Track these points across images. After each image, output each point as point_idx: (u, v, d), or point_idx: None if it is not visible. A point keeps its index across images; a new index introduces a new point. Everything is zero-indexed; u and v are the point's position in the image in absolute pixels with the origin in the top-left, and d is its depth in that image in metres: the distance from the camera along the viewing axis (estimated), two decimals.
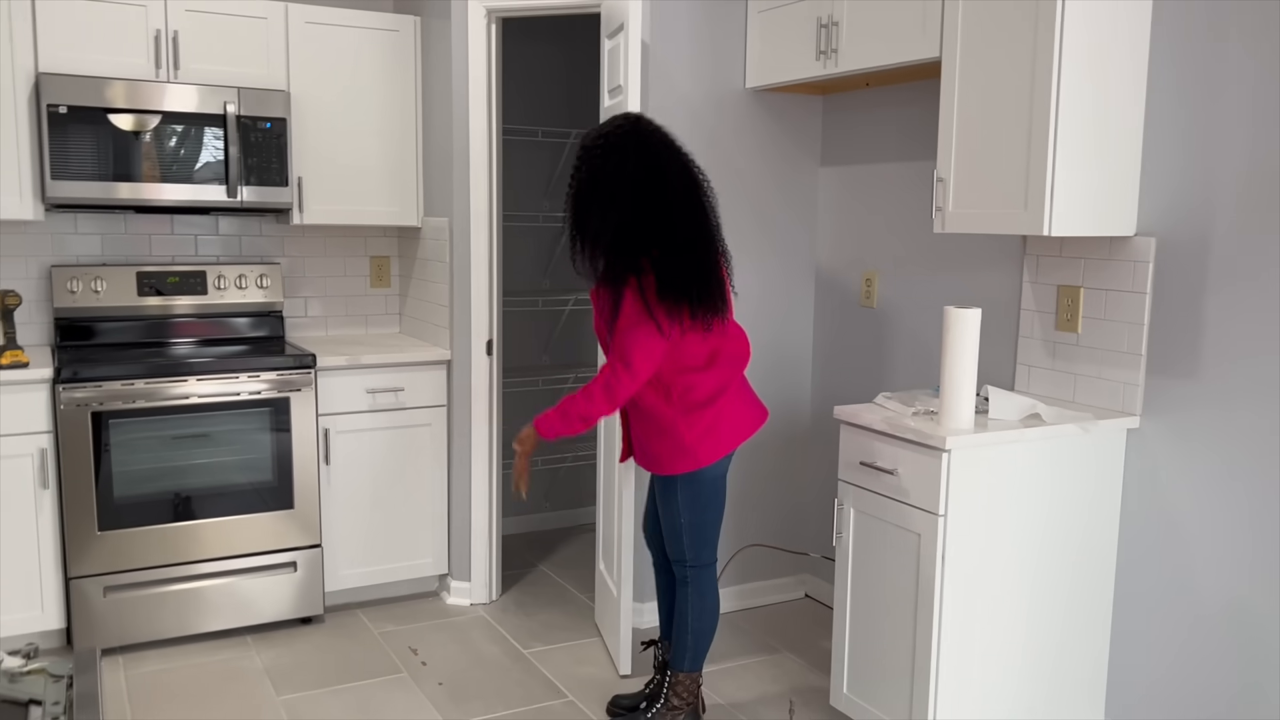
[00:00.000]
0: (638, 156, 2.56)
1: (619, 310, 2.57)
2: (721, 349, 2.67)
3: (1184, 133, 2.54)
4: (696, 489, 2.74)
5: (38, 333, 3.71)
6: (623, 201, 2.54)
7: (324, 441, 3.62)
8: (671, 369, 2.63)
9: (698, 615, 2.83)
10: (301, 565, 3.59)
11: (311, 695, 3.13)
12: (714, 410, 2.68)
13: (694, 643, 2.84)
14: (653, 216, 2.54)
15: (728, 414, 2.70)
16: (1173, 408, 2.60)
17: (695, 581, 2.82)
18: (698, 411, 2.66)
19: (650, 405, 2.68)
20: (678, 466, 2.70)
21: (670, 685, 2.86)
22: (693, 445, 2.66)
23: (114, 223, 3.80)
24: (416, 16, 3.88)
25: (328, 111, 3.77)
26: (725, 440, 2.69)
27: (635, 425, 2.78)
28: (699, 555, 2.80)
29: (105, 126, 3.37)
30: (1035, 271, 2.94)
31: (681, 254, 2.55)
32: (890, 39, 2.97)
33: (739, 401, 2.73)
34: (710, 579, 2.84)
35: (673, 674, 2.86)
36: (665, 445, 2.69)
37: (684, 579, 2.83)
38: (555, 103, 4.64)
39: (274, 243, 4.07)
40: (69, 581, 3.29)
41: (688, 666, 2.85)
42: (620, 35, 3.16)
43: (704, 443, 2.67)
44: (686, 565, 2.82)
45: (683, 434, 2.66)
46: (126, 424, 3.31)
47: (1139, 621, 2.71)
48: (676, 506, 2.77)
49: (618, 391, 2.58)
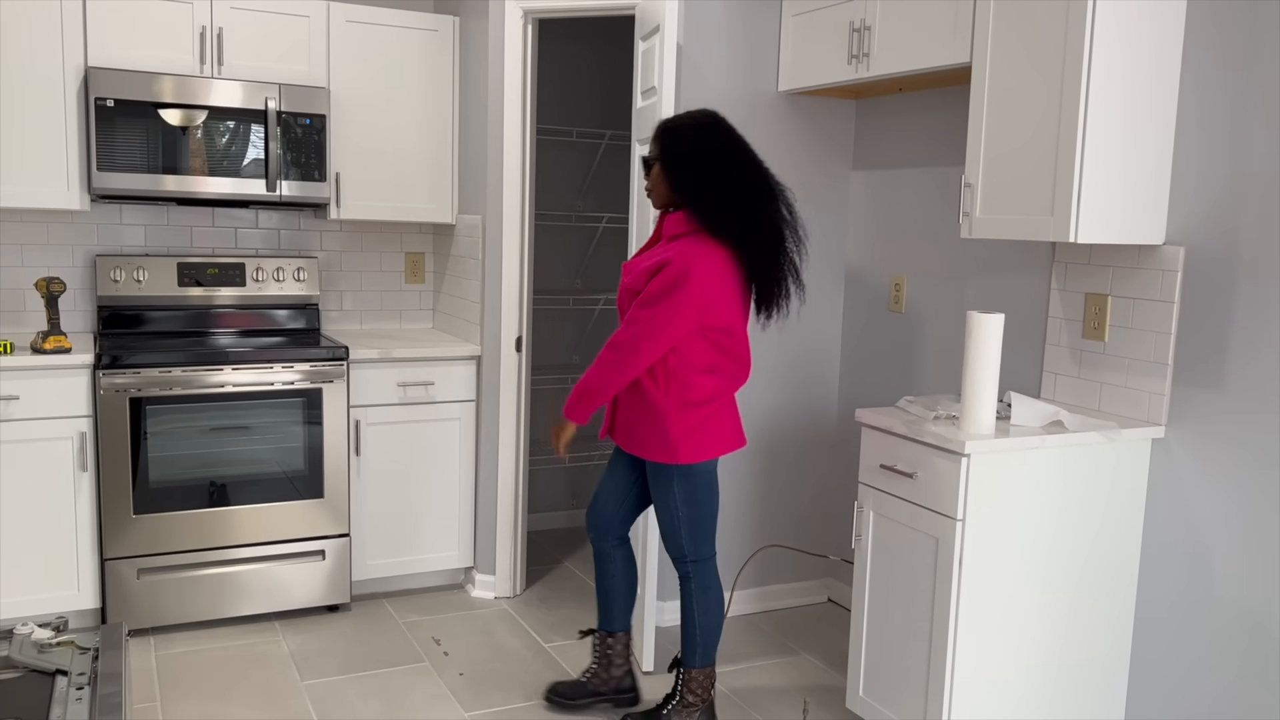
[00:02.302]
0: (728, 137, 2.68)
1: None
2: (724, 362, 2.70)
3: (1215, 142, 2.52)
4: (693, 483, 2.75)
5: (81, 320, 3.81)
6: (719, 172, 2.64)
7: (355, 433, 3.68)
8: (678, 362, 2.67)
9: (704, 610, 2.84)
10: (330, 554, 3.66)
11: (335, 681, 3.19)
12: (704, 414, 2.70)
13: (703, 638, 2.85)
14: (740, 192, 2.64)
15: (714, 422, 2.72)
16: (1198, 418, 2.58)
17: (698, 576, 2.83)
18: (690, 410, 2.69)
19: (647, 389, 2.71)
20: (660, 455, 2.72)
21: (684, 682, 2.88)
22: (677, 441, 2.69)
23: (157, 214, 3.89)
24: (455, 16, 3.94)
25: (366, 109, 3.83)
26: (709, 445, 2.72)
27: (625, 405, 2.79)
28: (698, 549, 2.82)
29: (150, 120, 3.46)
30: (1063, 279, 2.93)
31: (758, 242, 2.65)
32: (921, 44, 2.98)
33: (727, 415, 2.76)
34: (712, 572, 2.85)
35: (686, 671, 2.88)
36: (653, 433, 2.72)
37: (686, 575, 2.85)
38: (589, 104, 4.68)
39: (312, 237, 4.15)
40: (104, 563, 3.38)
41: (699, 662, 2.87)
42: (655, 37, 3.19)
43: (687, 441, 2.69)
44: (687, 561, 2.83)
45: (670, 427, 2.68)
46: (164, 410, 3.39)
47: (1160, 632, 2.69)
48: (673, 501, 2.78)
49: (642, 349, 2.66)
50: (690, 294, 2.58)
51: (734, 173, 2.64)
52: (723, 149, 2.65)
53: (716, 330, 2.65)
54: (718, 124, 2.69)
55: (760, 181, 2.67)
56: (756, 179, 2.66)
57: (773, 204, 2.67)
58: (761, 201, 2.65)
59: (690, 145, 2.65)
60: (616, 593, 3.01)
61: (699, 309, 2.60)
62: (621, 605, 3.03)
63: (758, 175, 2.67)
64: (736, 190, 2.62)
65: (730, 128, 2.70)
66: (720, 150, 2.64)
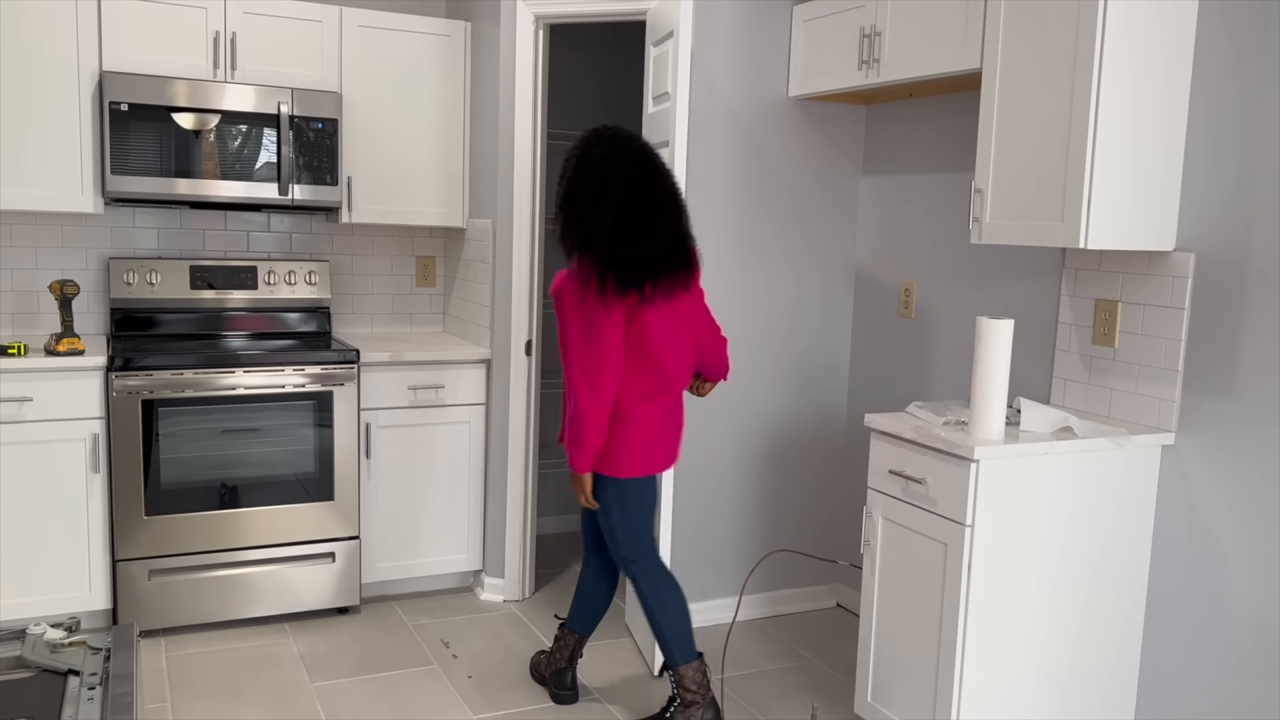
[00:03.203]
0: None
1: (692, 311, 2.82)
2: (642, 377, 2.75)
3: (1225, 148, 2.52)
4: (620, 488, 2.80)
5: (94, 322, 3.84)
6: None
7: (365, 435, 3.70)
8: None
9: (660, 606, 2.85)
10: (340, 556, 3.67)
11: (344, 683, 3.20)
12: (623, 429, 2.76)
13: (671, 633, 2.85)
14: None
15: (636, 437, 2.77)
16: (1209, 424, 2.58)
17: (643, 575, 2.86)
18: (613, 424, 2.76)
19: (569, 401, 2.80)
20: (573, 465, 2.78)
21: (677, 681, 2.88)
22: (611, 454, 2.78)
23: (170, 217, 3.92)
24: (467, 22, 3.96)
25: (378, 113, 3.85)
26: (627, 462, 2.77)
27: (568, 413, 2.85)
28: (635, 549, 2.85)
29: (164, 124, 3.48)
30: (1073, 285, 2.93)
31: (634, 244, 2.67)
32: (932, 50, 2.98)
33: (649, 431, 2.78)
34: (654, 568, 2.87)
35: (675, 671, 2.89)
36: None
37: (634, 577, 2.87)
38: (599, 109, 4.69)
39: (323, 240, 4.17)
40: (116, 564, 3.39)
41: (680, 659, 2.87)
42: (668, 42, 3.20)
43: (606, 455, 2.77)
44: (628, 563, 2.85)
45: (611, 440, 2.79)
46: (175, 412, 3.41)
47: (1170, 640, 2.68)
48: (606, 504, 2.84)
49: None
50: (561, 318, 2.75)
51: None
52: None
53: (634, 346, 2.72)
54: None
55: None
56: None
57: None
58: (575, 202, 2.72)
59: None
60: (580, 597, 3.08)
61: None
62: (582, 610, 3.08)
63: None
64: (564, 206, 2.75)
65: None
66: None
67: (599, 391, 2.68)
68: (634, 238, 2.63)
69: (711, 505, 3.72)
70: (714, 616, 3.77)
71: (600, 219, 2.64)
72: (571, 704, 3.11)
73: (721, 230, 3.60)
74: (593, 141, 2.71)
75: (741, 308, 3.67)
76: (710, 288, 3.60)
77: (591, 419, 2.70)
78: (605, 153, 2.67)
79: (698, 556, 3.72)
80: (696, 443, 3.66)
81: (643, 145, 2.72)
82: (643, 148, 2.71)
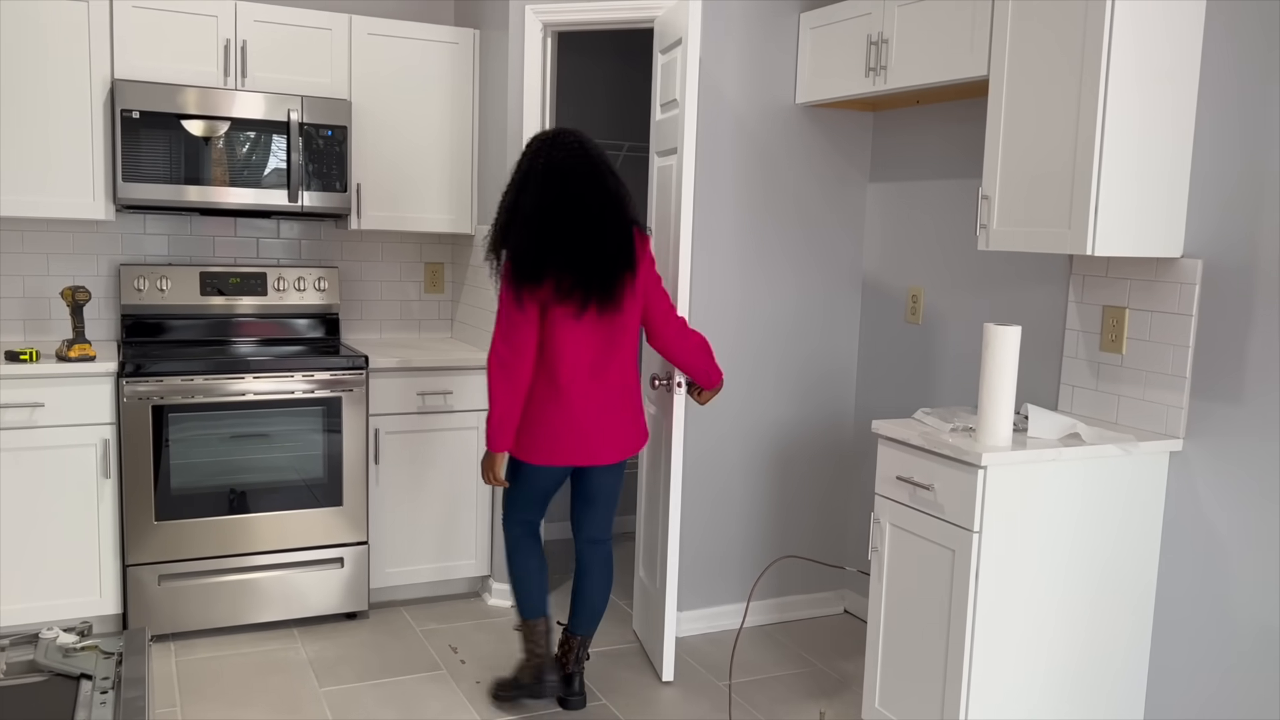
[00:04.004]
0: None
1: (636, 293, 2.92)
2: (542, 373, 2.89)
3: (1233, 155, 2.52)
4: (516, 461, 3.01)
5: (105, 328, 3.86)
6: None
7: (374, 441, 3.71)
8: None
9: (508, 565, 3.15)
10: (349, 561, 3.68)
11: (352, 688, 3.21)
12: (527, 412, 2.91)
13: (514, 591, 3.13)
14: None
15: (528, 424, 2.91)
16: (1216, 431, 2.57)
17: (506, 538, 3.13)
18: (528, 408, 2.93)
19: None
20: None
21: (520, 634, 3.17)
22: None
23: (180, 224, 3.94)
24: (476, 29, 3.97)
25: (387, 120, 3.87)
26: (519, 445, 2.94)
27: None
28: (508, 514, 3.12)
29: (174, 131, 3.51)
30: (1081, 291, 2.93)
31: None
32: (939, 57, 2.99)
33: (539, 421, 2.90)
34: (514, 536, 3.11)
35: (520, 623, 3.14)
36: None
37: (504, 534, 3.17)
38: (607, 116, 4.71)
39: (332, 247, 4.19)
40: (126, 569, 3.41)
41: (522, 615, 3.11)
42: (677, 50, 3.21)
43: (506, 434, 2.92)
44: (502, 520, 3.16)
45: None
46: (185, 418, 3.43)
47: (1178, 646, 2.68)
48: (509, 472, 3.07)
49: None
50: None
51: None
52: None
53: (541, 346, 2.89)
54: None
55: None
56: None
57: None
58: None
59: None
60: (574, 595, 3.18)
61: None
62: (576, 608, 3.17)
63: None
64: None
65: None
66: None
67: (512, 384, 2.84)
68: (541, 249, 2.76)
69: (719, 511, 3.73)
70: (721, 623, 3.78)
71: (515, 230, 2.81)
72: (580, 709, 3.11)
73: (729, 236, 3.61)
74: (525, 151, 2.89)
75: (749, 313, 3.68)
76: (718, 293, 3.61)
77: (499, 408, 2.85)
78: (526, 166, 2.85)
79: (705, 562, 3.73)
80: (704, 448, 3.67)
81: (564, 158, 2.82)
82: (563, 161, 2.81)
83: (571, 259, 2.76)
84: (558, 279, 2.77)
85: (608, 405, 2.92)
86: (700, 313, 3.59)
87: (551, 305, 2.81)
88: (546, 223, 2.76)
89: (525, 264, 2.76)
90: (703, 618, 3.74)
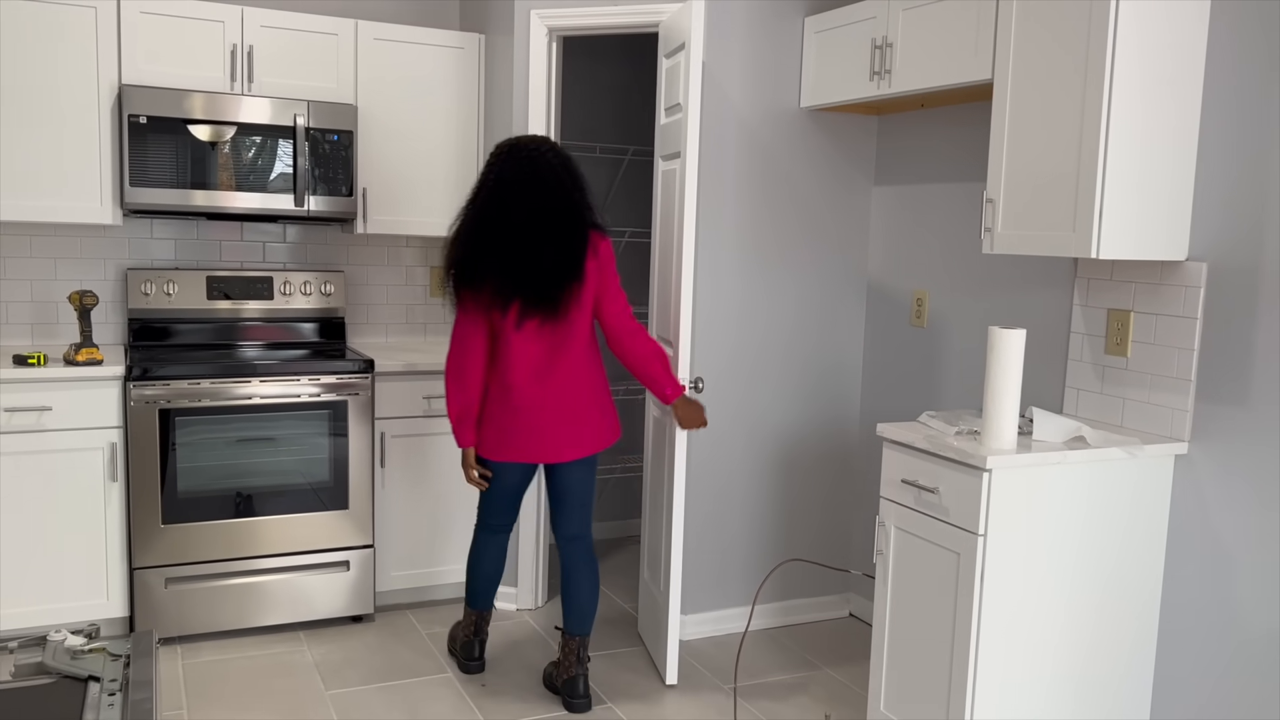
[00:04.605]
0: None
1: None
2: (495, 371, 3.03)
3: (1238, 157, 2.52)
4: (484, 461, 3.15)
5: (112, 332, 3.87)
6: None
7: (379, 445, 3.72)
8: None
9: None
10: (354, 565, 3.69)
11: (358, 691, 3.22)
12: (485, 412, 3.06)
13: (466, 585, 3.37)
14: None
15: (487, 422, 3.06)
16: (1222, 434, 2.57)
17: (475, 534, 3.32)
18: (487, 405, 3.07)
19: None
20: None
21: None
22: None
23: (187, 228, 3.95)
24: (481, 34, 3.99)
25: (393, 125, 3.88)
26: (487, 445, 3.08)
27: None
28: (479, 515, 3.28)
29: (182, 136, 3.52)
30: (1086, 294, 2.93)
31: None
32: (943, 61, 2.99)
33: (495, 420, 3.03)
34: (478, 536, 3.28)
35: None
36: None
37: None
38: (612, 120, 4.72)
39: (338, 251, 4.20)
40: (133, 572, 3.42)
41: (469, 605, 3.35)
42: (680, 54, 3.22)
43: (464, 431, 3.09)
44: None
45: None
46: (192, 422, 3.44)
47: (1184, 649, 2.67)
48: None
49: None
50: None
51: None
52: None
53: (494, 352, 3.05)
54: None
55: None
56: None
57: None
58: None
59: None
60: (563, 596, 3.22)
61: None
62: (566, 609, 3.19)
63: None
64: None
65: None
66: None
67: (461, 387, 3.02)
68: (479, 263, 2.89)
69: (723, 514, 3.73)
70: (726, 626, 3.78)
71: (459, 243, 2.94)
72: (584, 712, 3.12)
73: (734, 240, 3.61)
74: (486, 162, 3.02)
75: (753, 317, 3.68)
76: (722, 297, 3.62)
77: (452, 409, 3.06)
78: (482, 179, 2.97)
79: (710, 565, 3.73)
80: (708, 451, 3.67)
81: (512, 171, 2.90)
82: (510, 175, 2.90)
83: (509, 273, 2.87)
84: (495, 291, 2.89)
85: (560, 406, 3.01)
86: (704, 316, 3.60)
87: (494, 314, 2.95)
88: (484, 237, 2.89)
89: (464, 276, 2.92)
90: (707, 621, 3.74)
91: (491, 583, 3.30)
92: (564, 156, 2.97)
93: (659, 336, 3.44)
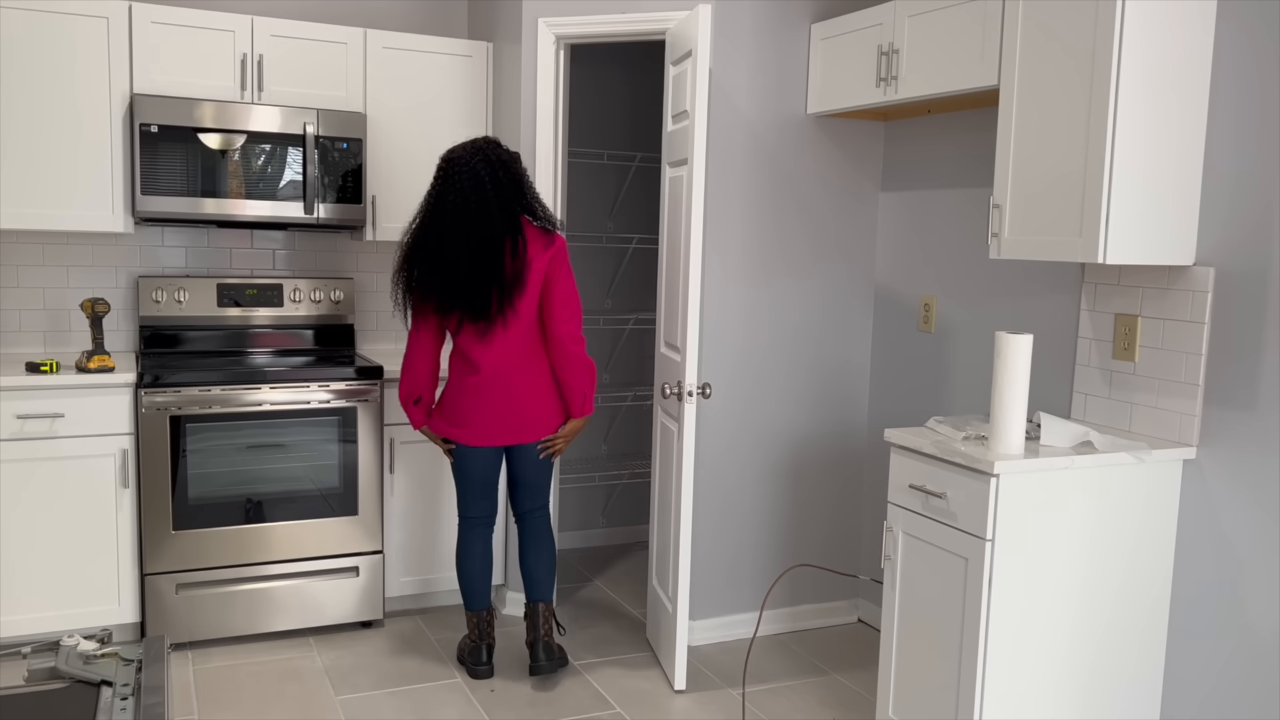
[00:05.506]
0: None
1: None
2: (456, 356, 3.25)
3: (1245, 162, 2.52)
4: (450, 451, 3.35)
5: (124, 339, 3.90)
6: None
7: (389, 451, 3.73)
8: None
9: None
10: (364, 570, 3.71)
11: (368, 696, 3.23)
12: (445, 392, 3.30)
13: (460, 586, 3.42)
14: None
15: (446, 402, 3.27)
16: (1230, 439, 2.57)
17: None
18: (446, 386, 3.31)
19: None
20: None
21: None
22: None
23: (198, 236, 3.98)
24: (489, 43, 4.01)
25: (402, 133, 3.90)
26: (439, 420, 3.29)
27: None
28: (458, 509, 3.40)
29: (193, 145, 3.55)
30: (1093, 300, 2.93)
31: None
32: (949, 67, 3.00)
33: (458, 401, 3.23)
34: (461, 533, 3.38)
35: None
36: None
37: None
38: (620, 127, 4.74)
39: (348, 258, 4.22)
40: (144, 578, 3.44)
41: (466, 606, 3.41)
42: (687, 62, 3.23)
43: (413, 416, 3.32)
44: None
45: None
46: (203, 428, 3.46)
47: (1193, 654, 2.67)
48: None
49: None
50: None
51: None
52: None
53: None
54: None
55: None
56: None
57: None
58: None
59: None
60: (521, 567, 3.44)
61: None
62: (523, 577, 3.42)
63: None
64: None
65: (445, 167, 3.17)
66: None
67: (409, 377, 3.27)
68: (415, 271, 3.14)
69: (731, 520, 3.73)
70: (735, 631, 3.78)
71: (407, 261, 3.16)
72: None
73: (741, 246, 3.62)
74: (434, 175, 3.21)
75: (760, 323, 3.69)
76: (730, 302, 3.63)
77: (400, 395, 3.30)
78: (428, 190, 3.16)
79: (718, 571, 3.73)
80: (716, 457, 3.68)
81: (447, 185, 3.09)
82: (444, 191, 3.09)
83: (447, 291, 3.10)
84: (439, 305, 3.13)
85: (508, 395, 3.21)
86: (711, 322, 3.61)
87: (443, 320, 3.20)
88: (424, 257, 3.12)
89: (406, 282, 3.19)
90: (715, 626, 3.75)
91: (482, 579, 3.38)
92: (500, 162, 3.12)
93: (666, 342, 3.45)
